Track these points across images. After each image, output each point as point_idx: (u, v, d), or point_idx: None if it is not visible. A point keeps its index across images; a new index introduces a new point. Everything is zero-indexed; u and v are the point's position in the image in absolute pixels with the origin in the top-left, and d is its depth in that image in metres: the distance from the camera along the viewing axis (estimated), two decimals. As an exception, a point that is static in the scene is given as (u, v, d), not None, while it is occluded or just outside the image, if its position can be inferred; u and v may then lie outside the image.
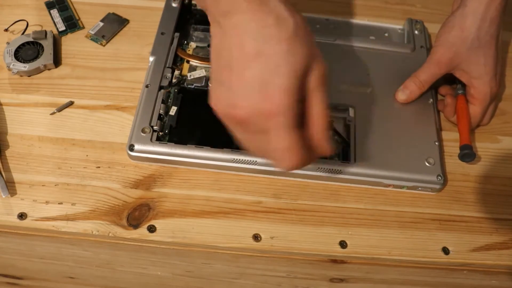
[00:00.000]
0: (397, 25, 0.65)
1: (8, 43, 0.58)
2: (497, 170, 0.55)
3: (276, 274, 0.55)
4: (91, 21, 0.62)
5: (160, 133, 0.52)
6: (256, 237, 0.49)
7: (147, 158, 0.51)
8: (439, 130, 0.56)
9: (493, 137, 0.58)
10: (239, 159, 0.51)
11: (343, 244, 0.49)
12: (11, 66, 0.56)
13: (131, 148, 0.51)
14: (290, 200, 0.51)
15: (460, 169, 0.54)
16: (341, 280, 0.56)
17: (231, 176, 0.52)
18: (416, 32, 0.63)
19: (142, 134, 0.51)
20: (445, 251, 0.49)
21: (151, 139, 0.51)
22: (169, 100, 0.55)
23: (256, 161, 0.51)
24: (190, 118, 0.54)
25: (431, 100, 0.58)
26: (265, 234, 0.49)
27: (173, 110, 0.54)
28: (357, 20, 0.66)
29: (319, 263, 0.51)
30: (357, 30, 0.65)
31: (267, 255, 0.50)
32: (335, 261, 0.50)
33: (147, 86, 0.55)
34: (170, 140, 0.52)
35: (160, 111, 0.53)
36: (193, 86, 0.56)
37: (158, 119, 0.52)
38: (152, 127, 0.52)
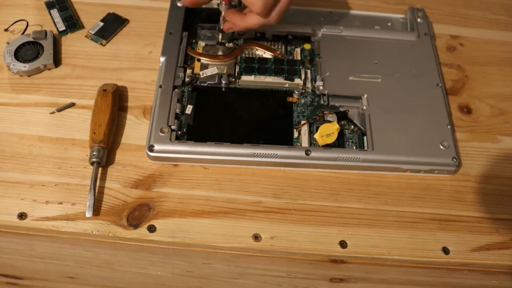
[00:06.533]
0: (399, 14, 0.66)
1: (8, 43, 0.58)
2: (497, 170, 0.55)
3: (276, 274, 0.55)
4: (91, 21, 0.63)
5: (179, 132, 0.53)
6: (256, 237, 0.49)
7: (167, 158, 0.51)
8: (449, 113, 0.57)
9: (493, 137, 0.58)
10: (259, 153, 0.51)
11: (343, 244, 0.49)
12: (11, 66, 0.56)
13: (150, 148, 0.51)
14: (290, 200, 0.51)
15: (460, 169, 0.54)
16: (341, 280, 0.56)
17: (231, 176, 0.52)
18: (418, 20, 0.64)
19: (161, 134, 0.51)
20: (445, 251, 0.49)
21: (170, 139, 0.51)
22: (184, 99, 0.55)
23: (276, 154, 0.51)
24: (206, 115, 0.54)
25: (440, 84, 0.58)
26: (265, 234, 0.49)
27: (189, 109, 0.54)
28: (359, 12, 0.66)
29: (319, 263, 0.51)
30: (361, 21, 0.66)
31: (267, 255, 0.50)
32: (335, 261, 0.50)
33: (160, 87, 0.55)
34: (189, 139, 0.52)
35: (177, 110, 0.53)
36: (206, 84, 0.57)
37: (175, 118, 0.53)
38: (170, 126, 0.52)
